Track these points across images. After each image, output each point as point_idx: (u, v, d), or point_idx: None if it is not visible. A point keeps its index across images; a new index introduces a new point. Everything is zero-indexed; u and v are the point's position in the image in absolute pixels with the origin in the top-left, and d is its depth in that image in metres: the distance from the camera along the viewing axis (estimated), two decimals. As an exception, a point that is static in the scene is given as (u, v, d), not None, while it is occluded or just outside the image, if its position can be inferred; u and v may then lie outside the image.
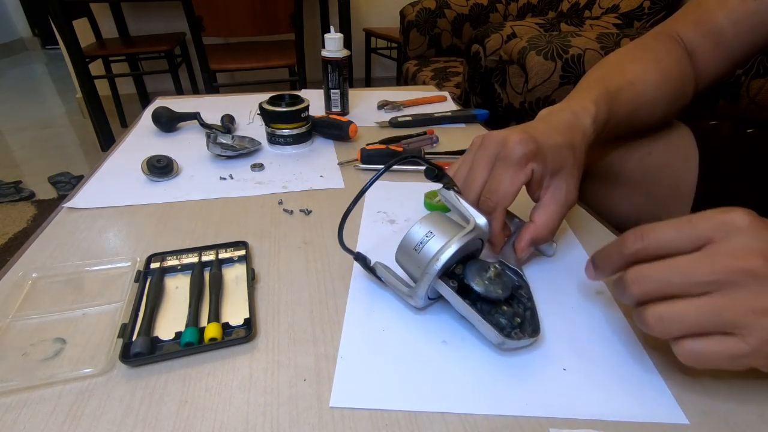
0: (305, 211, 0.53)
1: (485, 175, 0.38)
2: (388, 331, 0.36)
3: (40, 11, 4.08)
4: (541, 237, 0.39)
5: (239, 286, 0.41)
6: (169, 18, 2.48)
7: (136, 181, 0.60)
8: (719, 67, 0.52)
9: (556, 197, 0.39)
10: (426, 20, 1.92)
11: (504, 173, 0.37)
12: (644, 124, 0.51)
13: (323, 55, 0.78)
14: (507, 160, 0.37)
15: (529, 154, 0.36)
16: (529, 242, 0.39)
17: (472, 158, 0.40)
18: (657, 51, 0.51)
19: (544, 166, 0.38)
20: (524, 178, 0.37)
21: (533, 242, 0.39)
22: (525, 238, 0.39)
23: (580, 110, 0.42)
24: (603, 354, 0.34)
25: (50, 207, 1.68)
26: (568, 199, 0.39)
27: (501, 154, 0.37)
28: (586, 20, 1.48)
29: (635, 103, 0.47)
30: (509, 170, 0.37)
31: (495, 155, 0.38)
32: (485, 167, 0.38)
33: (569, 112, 0.42)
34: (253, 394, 0.31)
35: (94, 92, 1.97)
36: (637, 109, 0.48)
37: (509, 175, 0.37)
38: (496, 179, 0.37)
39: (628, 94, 0.47)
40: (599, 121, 0.43)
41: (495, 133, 0.39)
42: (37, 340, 0.35)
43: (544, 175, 0.38)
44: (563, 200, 0.39)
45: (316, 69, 2.77)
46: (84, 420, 0.29)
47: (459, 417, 0.30)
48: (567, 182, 0.39)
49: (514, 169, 0.37)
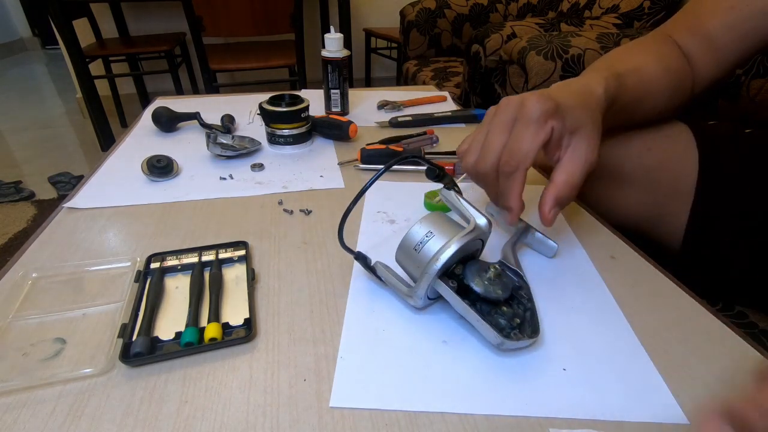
0: (305, 211, 0.53)
1: (504, 138, 0.37)
2: (388, 331, 0.36)
3: (40, 11, 4.08)
4: (563, 196, 0.38)
5: (239, 286, 0.41)
6: (169, 18, 2.48)
7: (136, 181, 0.60)
8: (714, 71, 0.53)
9: (576, 155, 0.38)
10: (426, 20, 1.92)
11: (524, 132, 0.36)
12: (647, 114, 0.52)
13: (323, 55, 0.78)
14: (526, 119, 0.36)
15: (548, 111, 0.36)
16: (553, 202, 0.38)
17: (488, 125, 0.39)
18: (657, 47, 0.52)
19: (563, 125, 0.37)
20: (544, 136, 0.36)
21: (557, 202, 0.38)
22: (548, 200, 0.38)
23: (593, 82, 0.42)
24: (603, 354, 0.34)
25: (50, 207, 1.68)
26: (588, 157, 0.38)
27: (519, 114, 0.37)
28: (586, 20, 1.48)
29: (640, 90, 0.48)
30: (529, 128, 0.36)
31: (513, 117, 0.37)
32: (503, 130, 0.37)
33: (582, 82, 0.42)
34: (253, 394, 0.31)
35: (94, 92, 1.97)
36: (642, 96, 0.48)
37: (530, 134, 0.36)
38: (516, 139, 0.37)
39: (633, 79, 0.47)
40: (610, 93, 0.43)
41: (510, 98, 0.38)
42: (37, 340, 0.35)
43: (563, 133, 0.37)
44: (583, 158, 0.38)
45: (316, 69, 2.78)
46: (84, 420, 0.29)
47: (459, 417, 0.30)
48: (587, 141, 0.38)
49: (534, 127, 0.36)
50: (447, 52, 2.01)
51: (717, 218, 0.51)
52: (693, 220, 0.52)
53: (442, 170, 0.40)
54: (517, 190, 0.37)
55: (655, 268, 0.44)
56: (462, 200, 0.39)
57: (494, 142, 0.38)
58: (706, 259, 0.52)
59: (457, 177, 0.59)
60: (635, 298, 0.40)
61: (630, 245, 0.47)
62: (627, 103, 0.46)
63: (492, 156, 0.38)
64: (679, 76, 0.51)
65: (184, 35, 2.35)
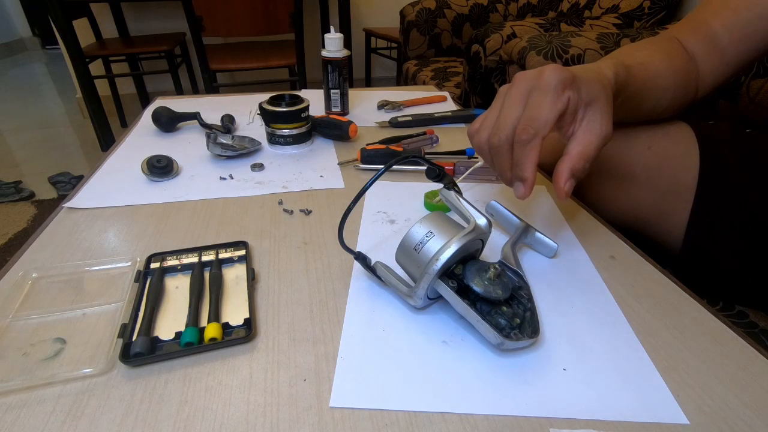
0: (305, 211, 0.53)
1: (520, 109, 0.37)
2: (388, 331, 0.36)
3: (40, 11, 4.08)
4: (578, 167, 0.37)
5: (239, 286, 0.41)
6: (169, 18, 2.48)
7: (136, 181, 0.60)
8: (717, 73, 0.53)
9: (591, 128, 0.38)
10: (426, 20, 1.92)
11: (542, 100, 0.36)
12: (651, 109, 0.52)
13: (323, 55, 0.78)
14: (543, 89, 0.36)
15: (565, 80, 0.36)
16: (569, 174, 0.37)
17: (503, 99, 0.38)
18: (663, 46, 0.53)
19: (579, 96, 0.37)
20: (561, 106, 0.36)
21: (572, 174, 0.37)
22: (563, 172, 0.37)
23: (603, 67, 0.42)
24: (603, 354, 0.34)
25: (50, 207, 1.68)
26: (603, 130, 0.38)
27: (536, 84, 0.37)
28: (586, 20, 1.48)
29: (646, 83, 0.48)
30: (547, 97, 0.36)
31: (529, 88, 0.37)
32: (520, 101, 0.37)
33: (593, 65, 0.42)
34: (253, 394, 0.31)
35: (94, 92, 1.97)
36: (648, 90, 0.49)
37: (548, 102, 0.36)
38: (533, 107, 0.36)
39: (640, 71, 0.47)
40: (619, 79, 0.43)
41: (526, 71, 0.38)
42: (37, 340, 0.35)
43: (579, 105, 0.37)
44: (598, 131, 0.38)
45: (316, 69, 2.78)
46: (84, 420, 0.29)
47: (459, 417, 0.30)
48: (601, 114, 0.38)
49: (552, 95, 0.36)
50: (447, 52, 2.01)
51: (717, 218, 0.51)
52: (693, 219, 0.52)
53: (442, 170, 0.40)
54: (533, 159, 0.37)
55: (655, 268, 0.44)
56: (462, 200, 0.39)
57: (510, 113, 0.37)
58: (706, 259, 0.52)
59: (457, 177, 0.59)
60: (635, 298, 0.40)
61: (630, 245, 0.47)
62: (633, 95, 0.47)
63: (508, 127, 0.37)
64: (685, 75, 0.52)
65: (184, 35, 2.35)
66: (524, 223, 0.46)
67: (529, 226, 0.45)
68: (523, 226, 0.45)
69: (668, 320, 0.38)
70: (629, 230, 0.53)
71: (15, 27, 4.20)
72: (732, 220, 0.50)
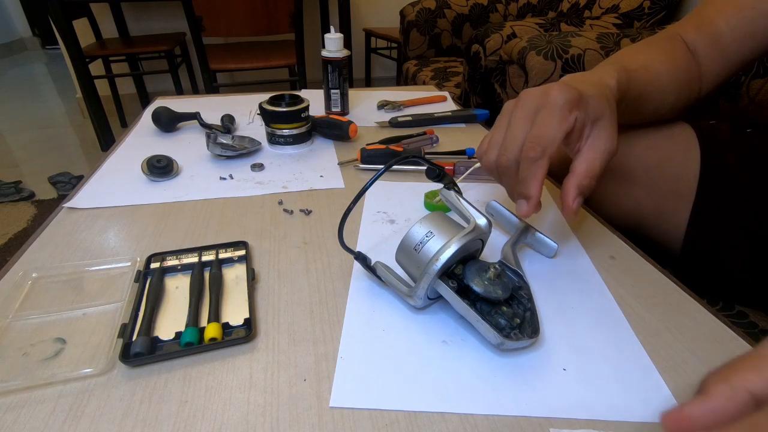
0: (305, 211, 0.53)
1: (527, 128, 0.37)
2: (388, 331, 0.36)
3: (40, 11, 4.08)
4: (585, 185, 0.38)
5: (239, 286, 0.41)
6: (169, 18, 2.48)
7: (136, 181, 0.60)
8: (720, 70, 0.53)
9: (597, 145, 0.38)
10: (426, 20, 1.92)
11: (549, 119, 0.36)
12: (655, 111, 0.52)
13: (323, 55, 0.78)
14: (550, 108, 0.36)
15: (572, 100, 0.36)
16: (576, 192, 0.38)
17: (509, 117, 0.39)
18: (665, 45, 0.53)
19: (586, 114, 0.37)
20: (568, 125, 0.36)
21: (580, 191, 0.38)
22: (570, 190, 0.38)
23: (605, 74, 0.42)
24: (603, 354, 0.34)
25: (50, 207, 1.68)
26: (608, 147, 0.38)
27: (542, 102, 0.37)
28: (586, 20, 1.48)
29: (648, 86, 0.48)
30: (555, 116, 0.36)
31: (536, 108, 0.37)
32: (527, 120, 0.37)
33: (595, 74, 0.42)
34: (253, 394, 0.31)
35: (94, 92, 1.97)
36: (650, 92, 0.49)
37: (555, 121, 0.36)
38: (541, 126, 0.36)
39: (642, 75, 0.47)
40: (622, 86, 0.43)
41: (531, 89, 0.38)
42: (37, 340, 0.35)
43: (585, 123, 0.37)
44: (604, 148, 0.38)
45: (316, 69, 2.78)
46: (84, 420, 0.29)
47: (459, 417, 0.30)
48: (607, 131, 0.38)
49: (559, 114, 0.36)
50: (447, 52, 2.01)
51: (717, 218, 0.51)
52: (693, 219, 0.52)
53: (442, 170, 0.40)
54: (540, 177, 0.37)
55: (655, 269, 0.44)
56: (462, 200, 0.39)
57: (518, 132, 0.37)
58: (706, 259, 0.52)
59: (457, 177, 0.59)
60: (635, 298, 0.40)
61: (630, 245, 0.47)
62: (636, 99, 0.47)
63: (515, 146, 0.37)
64: (687, 74, 0.52)
65: (184, 35, 2.35)
66: (524, 223, 0.46)
67: (529, 226, 0.45)
68: (523, 226, 0.45)
69: (668, 320, 0.38)
70: (630, 230, 0.53)
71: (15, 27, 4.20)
72: (733, 221, 0.50)
